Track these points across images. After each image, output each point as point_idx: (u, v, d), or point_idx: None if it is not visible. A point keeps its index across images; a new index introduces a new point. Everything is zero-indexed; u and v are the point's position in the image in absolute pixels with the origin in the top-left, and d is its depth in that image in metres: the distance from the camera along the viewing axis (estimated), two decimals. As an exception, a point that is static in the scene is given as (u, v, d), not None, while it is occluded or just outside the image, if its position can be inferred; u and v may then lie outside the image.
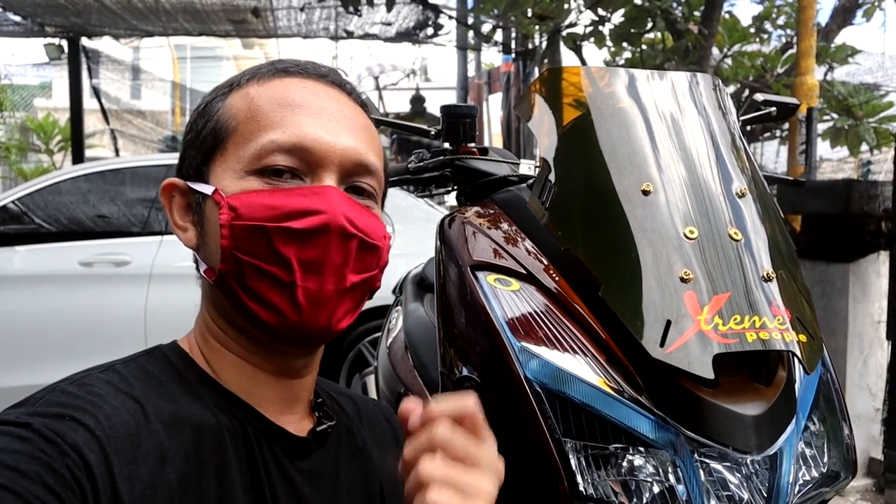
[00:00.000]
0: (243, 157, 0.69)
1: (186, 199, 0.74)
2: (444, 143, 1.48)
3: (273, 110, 0.69)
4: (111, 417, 0.60)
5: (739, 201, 1.02)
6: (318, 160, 0.69)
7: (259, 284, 0.67)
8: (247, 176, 0.68)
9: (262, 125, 0.69)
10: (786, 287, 0.97)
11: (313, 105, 0.71)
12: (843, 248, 3.38)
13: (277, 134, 0.68)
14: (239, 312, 0.69)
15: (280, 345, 0.71)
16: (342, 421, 0.80)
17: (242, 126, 0.70)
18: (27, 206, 3.82)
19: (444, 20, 7.82)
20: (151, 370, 0.69)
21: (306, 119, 0.69)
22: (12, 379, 3.38)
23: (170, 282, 3.59)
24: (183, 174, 0.74)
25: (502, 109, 8.93)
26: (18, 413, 0.59)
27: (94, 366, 0.67)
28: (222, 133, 0.71)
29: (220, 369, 0.72)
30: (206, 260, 0.71)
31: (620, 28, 5.87)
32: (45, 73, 13.50)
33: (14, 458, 0.55)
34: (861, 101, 6.30)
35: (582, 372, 0.95)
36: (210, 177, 0.71)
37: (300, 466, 0.72)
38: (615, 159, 1.05)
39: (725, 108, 1.17)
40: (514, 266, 1.09)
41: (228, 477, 0.65)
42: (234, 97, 0.73)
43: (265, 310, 0.67)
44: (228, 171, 0.69)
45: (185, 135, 0.76)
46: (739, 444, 0.90)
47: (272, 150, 0.68)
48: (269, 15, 7.63)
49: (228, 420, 0.68)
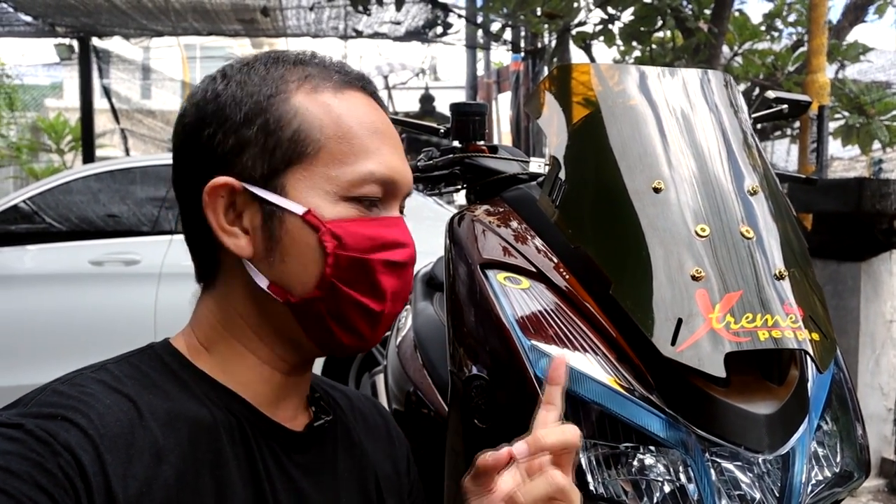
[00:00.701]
0: (338, 181, 0.67)
1: (231, 200, 0.68)
2: (454, 141, 1.48)
3: (364, 135, 0.69)
4: (104, 416, 0.60)
5: (751, 199, 1.01)
6: (397, 191, 0.72)
7: (350, 312, 0.69)
8: (341, 201, 0.68)
9: (356, 150, 0.68)
10: (798, 285, 0.96)
11: (387, 131, 0.73)
12: (854, 247, 3.35)
13: (374, 164, 0.69)
14: (309, 332, 0.70)
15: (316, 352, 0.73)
16: (338, 415, 0.81)
17: (333, 144, 0.67)
18: (38, 205, 3.84)
19: (453, 19, 7.82)
20: (144, 369, 0.68)
21: (390, 149, 0.72)
22: (23, 377, 3.39)
23: (179, 281, 3.59)
24: (237, 174, 0.67)
25: (511, 108, 8.91)
26: (10, 414, 0.59)
27: (85, 366, 0.67)
28: (306, 146, 0.67)
29: (226, 368, 0.71)
30: (279, 278, 0.67)
31: (630, 27, 5.84)
32: (55, 73, 13.58)
33: (6, 458, 0.54)
34: (873, 98, 6.26)
35: (592, 370, 0.94)
36: (286, 190, 0.67)
37: (297, 461, 0.72)
38: (626, 157, 1.04)
39: (737, 104, 1.16)
40: (524, 264, 1.09)
41: (226, 472, 0.65)
42: (308, 102, 0.68)
43: (347, 333, 0.70)
44: (317, 189, 0.67)
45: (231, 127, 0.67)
46: (751, 444, 0.89)
47: (371, 181, 0.69)
48: (279, 14, 7.64)
49: (225, 416, 0.67)
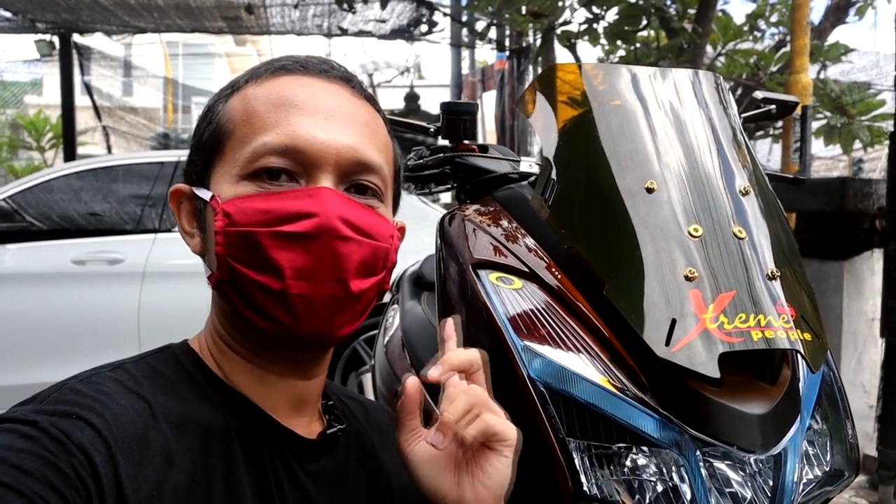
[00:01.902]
0: (238, 161, 0.67)
1: (193, 205, 0.72)
2: (444, 139, 1.47)
3: (267, 111, 0.68)
4: (118, 417, 0.60)
5: (743, 199, 1.01)
6: (313, 161, 0.67)
7: (253, 292, 0.65)
8: (241, 180, 0.67)
9: (256, 127, 0.67)
10: (790, 285, 0.96)
11: (308, 103, 0.68)
12: (837, 246, 3.39)
13: (270, 136, 0.66)
14: (238, 317, 0.69)
15: (281, 349, 0.70)
16: (351, 424, 0.80)
17: (239, 129, 0.68)
18: (19, 203, 3.79)
19: (438, 17, 7.81)
20: (161, 369, 0.68)
21: (300, 119, 0.67)
22: (4, 378, 3.35)
23: (163, 280, 3.57)
24: (188, 179, 0.73)
25: (496, 107, 8.91)
26: (25, 410, 0.59)
27: (103, 364, 0.67)
28: (220, 137, 0.69)
29: (229, 371, 0.71)
30: (210, 266, 0.70)
31: (615, 26, 5.87)
32: (36, 70, 13.39)
33: (19, 456, 0.54)
34: (854, 99, 6.33)
35: (586, 371, 0.94)
36: (211, 182, 0.70)
37: (309, 469, 0.71)
38: (618, 157, 1.04)
39: (727, 105, 1.16)
40: (516, 264, 1.09)
41: (236, 478, 0.65)
42: (233, 99, 0.71)
43: (260, 317, 0.66)
44: (225, 175, 0.68)
45: (193, 137, 0.75)
46: (744, 443, 0.90)
47: (265, 153, 0.66)
48: (263, 11, 7.59)
49: (237, 421, 0.67)
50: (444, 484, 0.68)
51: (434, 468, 0.68)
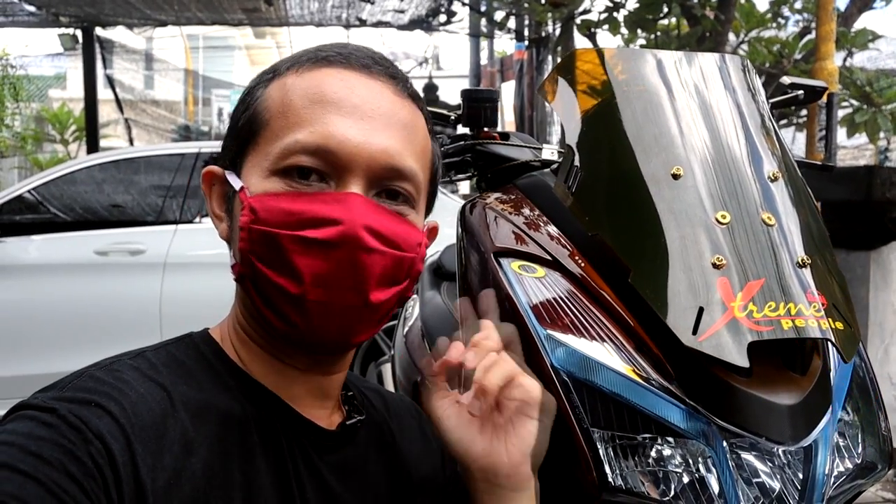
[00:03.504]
0: (270, 155, 0.66)
1: (224, 189, 0.71)
2: (464, 127, 1.46)
3: (304, 106, 0.66)
4: (137, 405, 0.59)
5: (771, 185, 0.99)
6: (344, 163, 0.64)
7: (271, 292, 0.64)
8: (271, 175, 0.65)
9: (290, 122, 0.65)
10: (820, 273, 0.94)
11: (346, 101, 0.66)
12: (864, 236, 3.33)
13: (303, 134, 0.64)
14: (257, 313, 0.68)
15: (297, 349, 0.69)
16: (371, 415, 0.79)
17: (274, 121, 0.67)
18: (43, 195, 3.83)
19: (457, 7, 7.78)
20: (181, 358, 0.67)
21: (335, 117, 0.65)
22: (29, 367, 3.40)
23: (185, 270, 3.60)
24: (222, 162, 0.72)
25: (515, 97, 8.87)
26: (45, 397, 0.59)
27: (124, 352, 0.67)
28: (256, 126, 0.68)
29: (249, 361, 0.70)
30: (234, 256, 0.68)
31: (635, 14, 5.80)
32: (59, 64, 13.56)
33: (38, 444, 0.54)
34: (881, 87, 6.21)
35: (610, 360, 0.92)
36: (242, 170, 0.68)
37: (328, 460, 0.70)
38: (642, 143, 1.02)
39: (755, 90, 1.13)
40: (539, 252, 1.07)
41: (254, 468, 0.64)
42: (272, 87, 0.69)
43: (276, 317, 0.65)
44: (256, 167, 0.67)
45: (230, 121, 0.74)
46: (774, 435, 0.88)
47: (296, 151, 0.64)
48: (282, 3, 7.61)
49: (256, 411, 0.67)
50: (475, 447, 0.71)
51: (467, 433, 0.71)
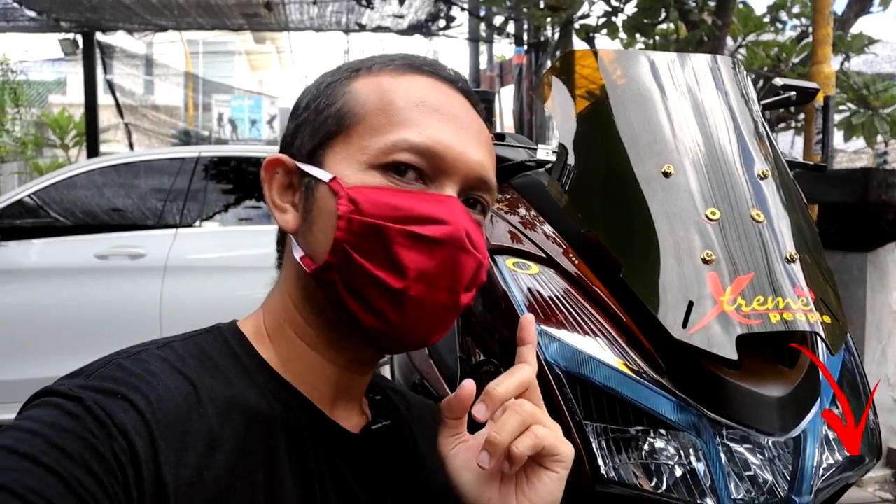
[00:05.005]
0: (369, 149, 0.66)
1: (289, 179, 0.70)
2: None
3: (408, 108, 0.67)
4: (163, 399, 0.59)
5: (761, 183, 1.01)
6: (447, 168, 0.66)
7: (365, 285, 0.64)
8: (370, 169, 0.65)
9: (395, 120, 0.66)
10: (809, 269, 0.96)
11: (447, 111, 0.68)
12: (860, 238, 3.34)
13: (412, 133, 0.65)
14: (333, 307, 0.67)
15: (364, 344, 0.69)
16: (395, 419, 0.78)
17: (373, 117, 0.67)
18: (43, 199, 3.84)
19: (456, 12, 7.81)
20: (209, 351, 0.67)
21: (441, 124, 0.67)
22: (30, 371, 3.40)
23: (185, 274, 3.61)
24: (291, 153, 0.71)
25: (514, 102, 8.89)
26: (72, 384, 0.58)
27: (151, 340, 0.66)
28: (348, 119, 0.68)
29: (286, 359, 0.69)
30: (307, 247, 0.67)
31: (633, 19, 5.82)
32: (60, 69, 13.58)
33: (62, 436, 0.54)
34: (877, 90, 6.23)
35: (602, 354, 0.94)
36: (325, 162, 0.68)
37: (351, 463, 0.70)
38: (635, 142, 1.04)
39: (746, 90, 1.15)
40: (533, 250, 1.09)
41: (278, 469, 0.64)
42: (362, 84, 0.69)
43: (366, 311, 0.65)
44: (350, 160, 0.66)
45: (296, 111, 0.72)
46: (763, 426, 0.89)
47: (403, 148, 0.65)
48: (282, 8, 7.64)
49: (283, 410, 0.66)
50: (486, 494, 0.65)
51: (477, 477, 0.66)
